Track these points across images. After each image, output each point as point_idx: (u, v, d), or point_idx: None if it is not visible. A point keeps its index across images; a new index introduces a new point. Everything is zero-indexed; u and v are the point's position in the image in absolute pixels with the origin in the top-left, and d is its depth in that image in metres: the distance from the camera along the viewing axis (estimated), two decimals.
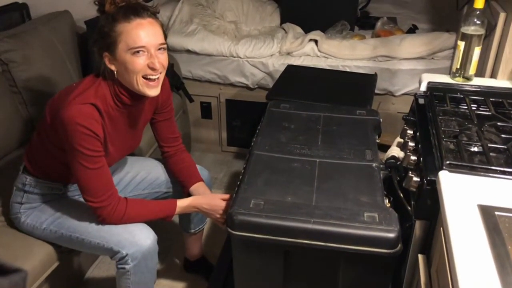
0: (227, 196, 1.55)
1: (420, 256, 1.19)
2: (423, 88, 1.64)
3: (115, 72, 1.36)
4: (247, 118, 2.84)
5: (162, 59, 1.36)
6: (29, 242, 1.55)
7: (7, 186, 1.62)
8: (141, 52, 1.31)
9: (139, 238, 1.43)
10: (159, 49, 1.35)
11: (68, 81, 2.11)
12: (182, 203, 1.53)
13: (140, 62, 1.32)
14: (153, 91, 1.38)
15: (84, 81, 1.41)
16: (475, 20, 1.53)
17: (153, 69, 1.34)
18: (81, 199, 1.44)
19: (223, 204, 1.52)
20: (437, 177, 1.12)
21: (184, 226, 1.87)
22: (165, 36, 1.38)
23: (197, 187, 1.67)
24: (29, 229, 1.54)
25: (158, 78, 1.37)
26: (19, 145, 2.01)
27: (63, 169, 1.46)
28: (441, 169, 1.14)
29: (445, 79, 1.66)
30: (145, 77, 1.35)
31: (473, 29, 1.54)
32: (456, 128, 1.36)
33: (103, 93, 1.38)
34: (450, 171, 1.12)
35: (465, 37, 1.56)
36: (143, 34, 1.31)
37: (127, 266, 1.43)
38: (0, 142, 1.90)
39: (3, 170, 1.87)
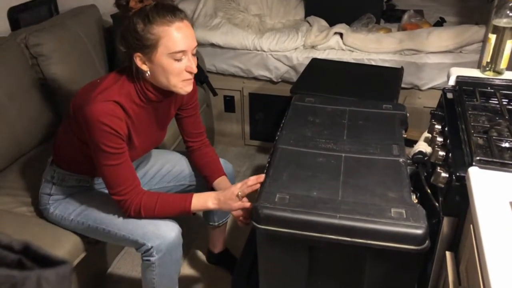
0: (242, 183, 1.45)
1: (447, 253, 1.17)
2: (452, 82, 1.61)
3: (147, 72, 1.36)
4: (270, 111, 2.83)
5: (195, 60, 1.37)
6: (57, 232, 1.58)
7: (36, 177, 1.66)
8: (181, 56, 1.32)
9: (164, 230, 1.44)
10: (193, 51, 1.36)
11: (95, 75, 2.14)
12: (197, 201, 1.46)
13: (179, 66, 1.33)
14: (188, 88, 1.40)
15: (108, 77, 1.41)
16: (508, 12, 1.49)
17: (191, 72, 1.36)
18: None
19: (234, 191, 1.44)
20: (467, 173, 1.10)
21: (208, 218, 1.88)
22: None
23: (220, 181, 1.68)
24: (57, 220, 1.58)
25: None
26: (48, 137, 2.05)
27: (89, 162, 1.47)
28: (471, 165, 1.12)
29: (474, 73, 1.63)
30: (180, 79, 1.36)
31: (505, 21, 1.50)
32: (486, 123, 1.33)
33: (128, 90, 1.38)
34: (480, 167, 1.10)
35: (496, 30, 1.52)
36: (183, 38, 1.31)
37: (152, 258, 1.45)
38: (30, 134, 1.94)
39: (33, 162, 1.91)
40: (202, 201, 1.46)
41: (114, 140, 1.33)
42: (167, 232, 1.44)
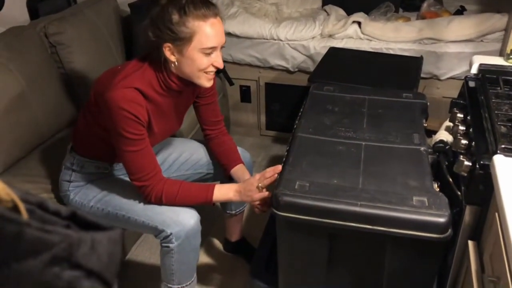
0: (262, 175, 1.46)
1: (470, 243, 1.16)
2: (474, 70, 1.58)
3: (175, 63, 1.37)
4: (286, 102, 2.81)
5: (221, 55, 1.40)
6: None
7: (56, 164, 1.67)
8: (211, 52, 1.35)
9: (183, 217, 1.45)
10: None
11: (113, 63, 2.15)
12: (218, 192, 1.48)
13: (208, 61, 1.36)
14: (210, 82, 1.43)
15: (129, 64, 1.42)
16: None
17: (217, 68, 1.38)
18: (127, 178, 1.47)
19: (254, 183, 1.46)
20: (492, 162, 1.08)
21: (225, 206, 1.89)
22: None
23: (237, 170, 1.68)
24: (77, 206, 1.58)
25: None
26: (67, 124, 2.07)
27: (108, 149, 1.49)
28: (495, 153, 1.10)
29: (497, 61, 1.60)
30: (205, 72, 1.39)
31: None
32: (510, 111, 1.31)
33: (149, 78, 1.39)
34: (505, 155, 1.08)
35: None
36: (216, 35, 1.34)
37: (171, 245, 1.46)
38: (49, 122, 1.96)
39: (53, 149, 1.93)
40: (223, 192, 1.48)
41: (134, 126, 1.34)
42: (186, 219, 1.45)
